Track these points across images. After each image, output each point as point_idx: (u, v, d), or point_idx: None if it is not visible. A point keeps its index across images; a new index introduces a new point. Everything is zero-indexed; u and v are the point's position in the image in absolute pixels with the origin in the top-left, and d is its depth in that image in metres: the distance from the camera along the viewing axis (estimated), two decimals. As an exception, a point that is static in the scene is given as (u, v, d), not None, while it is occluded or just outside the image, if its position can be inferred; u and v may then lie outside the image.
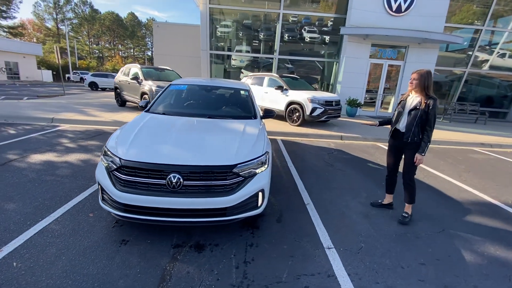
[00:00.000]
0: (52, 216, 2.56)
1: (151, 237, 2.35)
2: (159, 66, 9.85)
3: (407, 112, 2.80)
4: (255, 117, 3.45)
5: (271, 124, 7.93)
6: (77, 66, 44.55)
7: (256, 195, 2.40)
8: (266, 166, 2.56)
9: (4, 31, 38.42)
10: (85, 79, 22.59)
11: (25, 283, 1.77)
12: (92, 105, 10.12)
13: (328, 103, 7.96)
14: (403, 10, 10.77)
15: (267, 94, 8.97)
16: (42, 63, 36.39)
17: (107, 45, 62.06)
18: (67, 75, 35.37)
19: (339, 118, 9.08)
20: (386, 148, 3.28)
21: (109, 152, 2.36)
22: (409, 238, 2.61)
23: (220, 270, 2.00)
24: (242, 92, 3.92)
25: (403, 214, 2.97)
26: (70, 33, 51.56)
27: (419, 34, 10.16)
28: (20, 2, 42.66)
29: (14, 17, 41.73)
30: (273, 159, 4.82)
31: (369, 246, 2.43)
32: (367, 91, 12.06)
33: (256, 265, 2.09)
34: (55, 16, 48.76)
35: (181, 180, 2.16)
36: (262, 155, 2.56)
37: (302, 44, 13.23)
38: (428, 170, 4.81)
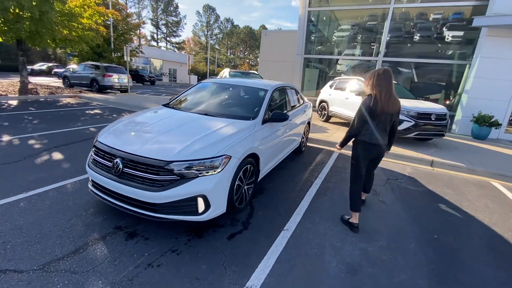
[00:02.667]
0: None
1: (109, 214, 2.57)
2: (248, 71, 10.57)
3: None
4: (254, 119, 3.09)
5: (343, 134, 6.89)
6: (215, 72, 54.68)
7: (193, 200, 2.18)
8: (217, 170, 2.26)
9: (172, 46, 52.28)
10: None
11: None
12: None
13: (423, 116, 6.08)
14: None
15: (347, 101, 7.88)
16: (192, 70, 47.06)
17: (241, 55, 72.55)
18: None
19: (446, 138, 6.74)
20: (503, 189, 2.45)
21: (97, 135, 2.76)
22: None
23: (122, 263, 1.94)
24: (259, 93, 3.61)
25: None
26: (216, 46, 63.94)
27: None
28: (185, 24, 56.64)
29: (180, 35, 56.01)
30: (301, 171, 4.20)
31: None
32: (516, 106, 8.32)
33: (155, 272, 1.89)
34: (206, 33, 61.68)
35: (121, 166, 2.26)
36: (214, 157, 2.28)
37: (423, 44, 10.69)
38: None
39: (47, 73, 26.23)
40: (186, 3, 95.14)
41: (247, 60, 72.52)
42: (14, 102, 8.53)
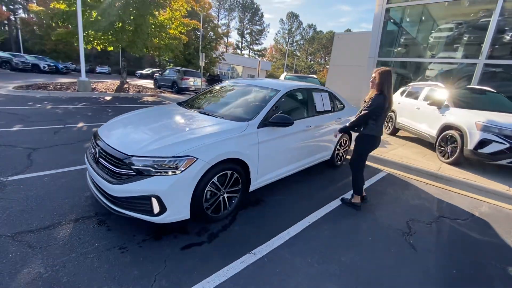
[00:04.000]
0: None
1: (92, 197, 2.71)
2: (306, 75, 10.02)
3: None
4: (249, 121, 2.77)
5: (404, 152, 5.66)
6: (292, 78, 54.95)
7: (146, 198, 2.08)
8: (177, 172, 2.09)
9: (254, 53, 55.28)
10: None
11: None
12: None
13: (524, 136, 4.34)
14: None
15: (417, 111, 6.43)
16: (270, 76, 48.71)
17: (321, 60, 70.63)
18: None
19: None
20: None
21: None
22: None
23: (70, 248, 1.99)
24: (270, 93, 3.22)
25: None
26: (296, 52, 64.36)
27: None
28: (268, 32, 59.05)
29: (262, 43, 58.71)
30: (322, 188, 3.57)
31: None
32: None
33: (85, 265, 1.85)
34: (287, 40, 62.72)
35: (97, 154, 2.35)
36: (175, 157, 2.12)
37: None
38: None
39: (151, 76, 31.76)
40: (272, 12, 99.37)
41: (327, 66, 70.01)
42: (108, 98, 10.58)
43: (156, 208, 2.10)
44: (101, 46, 12.97)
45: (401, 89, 7.87)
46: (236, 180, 2.60)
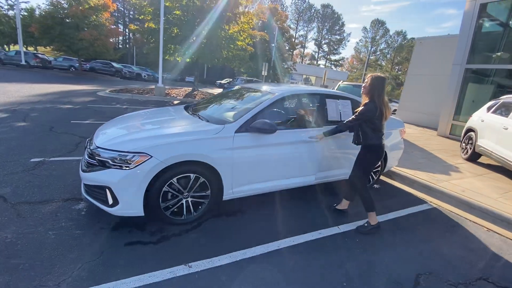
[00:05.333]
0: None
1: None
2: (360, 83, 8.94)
3: None
4: (228, 124, 2.59)
5: (475, 184, 4.34)
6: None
7: (103, 189, 2.20)
8: (129, 167, 2.15)
9: (331, 64, 53.40)
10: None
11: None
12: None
13: None
14: None
15: (505, 132, 4.84)
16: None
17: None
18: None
19: None
20: None
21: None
22: None
23: (39, 225, 2.27)
24: (263, 98, 2.94)
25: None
26: (382, 61, 59.05)
27: None
28: (348, 41, 56.33)
29: (340, 53, 56.23)
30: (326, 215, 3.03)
31: None
32: None
33: (29, 239, 2.06)
34: (369, 49, 58.15)
35: (89, 146, 2.61)
36: (129, 152, 2.19)
37: None
38: None
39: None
40: (356, 21, 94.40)
41: (417, 77, 61.24)
42: (175, 102, 12.00)
43: (110, 199, 2.19)
44: (180, 58, 14.93)
45: (488, 104, 6.11)
46: (204, 185, 2.48)
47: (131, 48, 43.58)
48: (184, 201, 2.43)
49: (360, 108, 2.62)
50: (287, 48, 33.07)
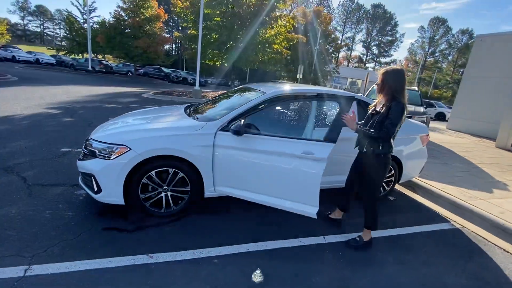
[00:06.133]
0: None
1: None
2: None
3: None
4: (212, 121, 2.60)
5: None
6: (429, 95, 45.47)
7: (89, 176, 2.40)
8: (110, 157, 2.32)
9: (380, 66, 49.86)
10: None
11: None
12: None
13: None
14: None
15: None
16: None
17: (476, 74, 54.85)
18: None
19: None
20: None
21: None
22: None
23: (45, 202, 2.58)
24: (253, 98, 2.84)
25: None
26: (441, 63, 53.21)
27: None
28: (401, 42, 51.90)
29: (391, 55, 52.14)
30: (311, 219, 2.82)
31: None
32: None
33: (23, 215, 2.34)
34: (426, 50, 52.68)
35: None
36: (111, 144, 2.36)
37: None
38: None
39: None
40: (412, 20, 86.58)
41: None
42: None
43: (95, 186, 2.38)
44: (219, 62, 15.61)
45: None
46: (184, 181, 2.53)
47: (181, 54, 47.13)
48: (163, 194, 2.52)
49: (390, 112, 2.11)
50: (330, 50, 31.97)
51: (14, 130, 4.87)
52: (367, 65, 54.43)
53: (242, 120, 2.40)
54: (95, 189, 2.38)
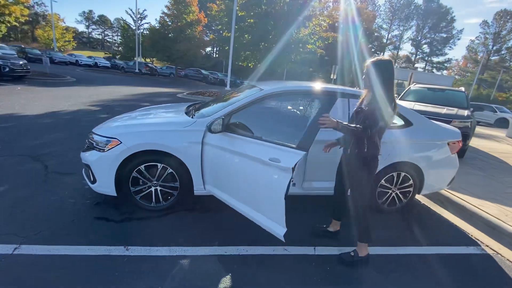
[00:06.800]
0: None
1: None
2: (445, 87, 7.13)
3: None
4: (203, 118, 2.55)
5: None
6: (491, 99, 40.01)
7: (87, 166, 2.55)
8: (102, 150, 2.43)
9: (432, 66, 45.30)
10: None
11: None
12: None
13: None
14: None
15: None
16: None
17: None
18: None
19: None
20: None
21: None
22: None
23: (58, 187, 2.81)
24: (249, 94, 2.73)
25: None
26: (509, 62, 46.51)
27: None
28: (458, 39, 46.53)
29: (446, 53, 46.99)
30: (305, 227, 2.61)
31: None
32: None
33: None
34: (490, 47, 46.30)
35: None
36: (106, 137, 2.47)
37: None
38: None
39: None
40: (469, 16, 77.04)
41: None
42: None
43: (91, 176, 2.51)
44: (252, 64, 15.74)
45: None
46: (173, 176, 2.53)
47: (221, 56, 48.75)
48: (153, 189, 2.55)
49: (369, 111, 1.92)
50: (373, 50, 30.10)
51: (55, 124, 5.49)
52: (416, 65, 49.79)
53: (222, 118, 2.32)
54: (92, 179, 2.51)
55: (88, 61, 29.38)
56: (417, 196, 3.60)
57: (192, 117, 2.74)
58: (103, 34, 78.11)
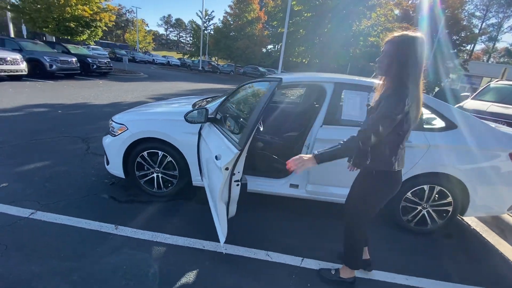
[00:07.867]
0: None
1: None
2: None
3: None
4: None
5: None
6: None
7: (104, 148, 2.82)
8: (115, 135, 2.65)
9: None
10: None
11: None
12: None
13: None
14: None
15: None
16: None
17: None
18: None
19: None
20: None
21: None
22: None
23: (82, 166, 3.22)
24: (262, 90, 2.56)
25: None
26: None
27: None
28: None
29: None
30: (304, 235, 2.42)
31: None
32: None
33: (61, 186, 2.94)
34: None
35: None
36: (118, 123, 2.68)
37: None
38: None
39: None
40: None
41: None
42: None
43: (106, 158, 2.78)
44: (306, 60, 15.21)
45: None
46: (173, 165, 2.60)
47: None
48: (155, 175, 2.67)
49: (379, 106, 1.40)
50: (457, 42, 25.61)
51: (114, 112, 6.24)
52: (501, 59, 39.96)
53: (205, 109, 2.25)
54: (107, 161, 2.78)
55: (162, 60, 33.18)
56: (468, 219, 2.90)
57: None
58: (178, 36, 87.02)
